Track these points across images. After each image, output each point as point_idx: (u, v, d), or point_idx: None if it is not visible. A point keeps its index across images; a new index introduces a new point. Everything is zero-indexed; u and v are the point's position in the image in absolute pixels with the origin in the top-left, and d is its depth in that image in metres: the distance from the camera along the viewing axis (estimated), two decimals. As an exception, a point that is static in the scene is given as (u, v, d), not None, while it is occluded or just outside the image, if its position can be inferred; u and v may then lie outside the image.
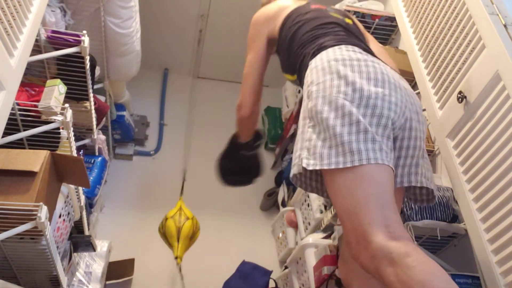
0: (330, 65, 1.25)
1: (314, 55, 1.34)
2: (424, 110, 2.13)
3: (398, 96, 1.22)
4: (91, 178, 2.24)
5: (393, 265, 0.99)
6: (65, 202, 1.73)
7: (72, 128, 1.66)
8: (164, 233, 2.38)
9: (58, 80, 1.67)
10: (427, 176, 1.30)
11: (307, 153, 1.19)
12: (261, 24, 1.61)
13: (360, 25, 1.57)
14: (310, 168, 1.16)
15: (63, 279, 1.66)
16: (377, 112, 1.16)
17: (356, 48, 1.32)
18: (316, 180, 1.34)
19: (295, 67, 1.46)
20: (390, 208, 1.10)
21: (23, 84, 1.67)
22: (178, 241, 2.32)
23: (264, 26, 1.60)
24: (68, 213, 1.79)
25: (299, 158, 1.22)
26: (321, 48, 1.33)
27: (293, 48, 1.45)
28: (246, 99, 1.60)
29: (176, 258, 2.34)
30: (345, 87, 1.18)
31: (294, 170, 1.26)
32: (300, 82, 1.45)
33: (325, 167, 1.13)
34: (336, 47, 1.31)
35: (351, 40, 1.38)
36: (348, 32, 1.43)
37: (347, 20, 1.50)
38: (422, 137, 1.30)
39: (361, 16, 2.44)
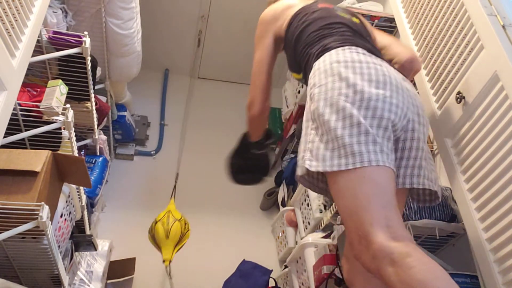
0: (332, 67, 1.26)
1: (318, 56, 1.34)
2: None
3: (399, 98, 1.22)
4: (92, 178, 2.25)
5: (394, 265, 1.00)
6: (66, 201, 1.74)
7: (73, 128, 1.67)
8: (153, 236, 2.37)
9: (60, 81, 1.68)
10: (430, 177, 1.29)
11: (309, 155, 1.21)
12: (268, 22, 1.60)
13: (367, 23, 1.56)
14: (313, 169, 1.17)
15: (65, 278, 1.67)
16: (377, 114, 1.17)
17: (359, 49, 1.32)
18: (322, 181, 1.36)
19: (301, 67, 1.46)
20: (391, 209, 1.10)
21: (24, 84, 1.68)
22: (165, 244, 2.32)
23: (271, 24, 1.58)
24: (70, 213, 1.80)
25: (302, 160, 1.24)
26: (325, 50, 1.34)
27: (298, 47, 1.45)
28: (256, 97, 1.59)
29: (164, 261, 2.32)
30: (346, 89, 1.19)
31: (298, 171, 1.29)
32: (305, 81, 1.45)
33: (328, 169, 1.14)
34: (339, 49, 1.32)
35: (356, 40, 1.38)
36: (354, 32, 1.43)
37: (354, 19, 1.49)
38: (424, 139, 1.30)
39: (361, 16, 2.44)
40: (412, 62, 1.48)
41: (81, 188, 1.91)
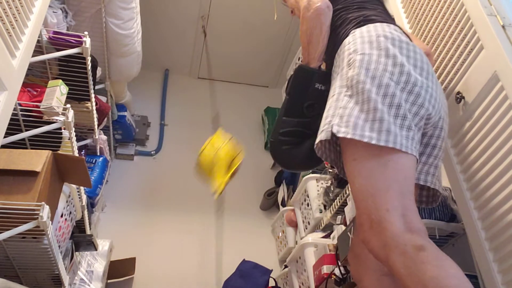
0: (379, 40, 1.21)
1: (359, 24, 1.30)
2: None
3: (438, 92, 1.21)
4: (93, 178, 2.26)
5: (406, 257, 0.96)
6: (66, 201, 1.74)
7: (73, 128, 1.67)
8: (200, 168, 1.94)
9: (60, 81, 1.68)
10: (440, 180, 1.28)
11: (339, 120, 1.13)
12: None
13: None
14: (340, 135, 1.11)
15: (65, 278, 1.67)
16: (418, 101, 1.13)
17: (402, 31, 1.30)
18: (334, 152, 1.29)
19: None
20: (410, 198, 1.06)
21: (25, 84, 1.68)
22: (213, 171, 1.89)
23: None
24: (70, 213, 1.80)
25: (329, 125, 1.16)
26: (368, 20, 1.30)
27: (333, 6, 1.38)
28: None
29: (214, 192, 1.90)
30: (392, 67, 1.15)
31: (321, 136, 1.19)
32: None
33: (357, 138, 1.08)
34: (384, 24, 1.29)
35: (394, 22, 1.36)
36: (388, 15, 1.42)
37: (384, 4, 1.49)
38: (445, 140, 1.29)
39: (361, 16, 2.44)
40: (427, 56, 1.47)
41: (82, 188, 1.91)
